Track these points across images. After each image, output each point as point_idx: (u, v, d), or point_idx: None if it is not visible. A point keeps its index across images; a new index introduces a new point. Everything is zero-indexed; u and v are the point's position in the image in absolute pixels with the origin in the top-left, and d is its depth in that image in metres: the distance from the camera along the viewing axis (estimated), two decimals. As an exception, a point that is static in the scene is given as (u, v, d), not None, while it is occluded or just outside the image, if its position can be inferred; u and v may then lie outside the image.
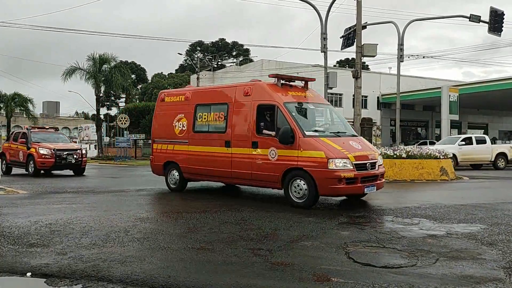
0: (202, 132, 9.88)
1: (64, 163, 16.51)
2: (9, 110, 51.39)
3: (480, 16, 19.34)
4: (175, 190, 10.57)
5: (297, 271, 4.25)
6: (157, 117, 11.33)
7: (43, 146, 16.31)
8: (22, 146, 16.85)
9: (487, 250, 5.12)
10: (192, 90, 10.81)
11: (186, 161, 10.10)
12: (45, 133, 18.24)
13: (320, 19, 17.56)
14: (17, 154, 17.16)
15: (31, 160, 16.22)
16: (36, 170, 16.09)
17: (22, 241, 5.41)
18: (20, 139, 17.29)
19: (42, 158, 16.03)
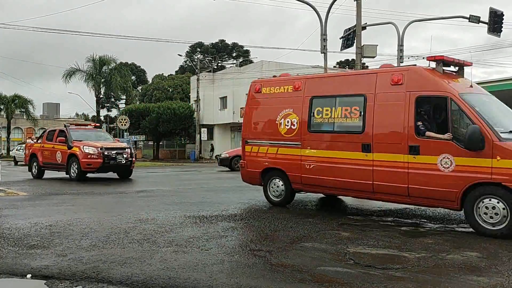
0: (323, 132, 7.83)
1: (113, 164, 14.54)
2: (9, 111, 51.48)
3: (480, 17, 19.36)
4: (278, 204, 8.38)
5: (297, 272, 4.25)
6: (251, 113, 9.06)
7: (89, 145, 14.23)
8: (60, 146, 14.72)
9: (488, 251, 5.12)
10: (304, 78, 8.42)
11: (297, 168, 7.95)
12: (85, 131, 16.11)
13: (320, 20, 17.58)
14: (53, 155, 15.06)
15: (73, 162, 14.20)
16: (81, 172, 14.04)
17: (22, 242, 5.41)
18: (57, 138, 15.15)
19: (88, 158, 13.95)
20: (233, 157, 22.36)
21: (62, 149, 14.66)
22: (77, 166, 14.05)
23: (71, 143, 14.34)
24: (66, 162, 14.41)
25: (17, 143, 58.37)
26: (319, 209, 8.27)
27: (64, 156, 14.54)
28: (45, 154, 15.51)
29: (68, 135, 14.66)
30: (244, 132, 9.11)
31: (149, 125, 41.43)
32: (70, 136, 14.57)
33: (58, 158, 14.79)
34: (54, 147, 15.08)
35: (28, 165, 16.56)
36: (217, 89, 43.83)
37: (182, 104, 44.78)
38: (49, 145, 15.43)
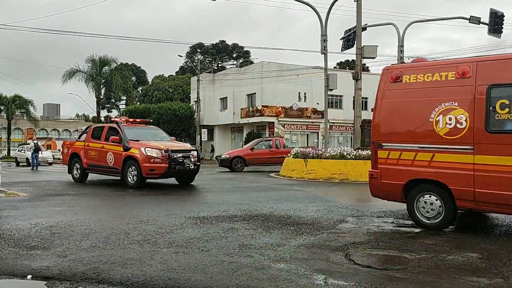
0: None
1: (179, 169, 12.20)
2: (9, 112, 51.50)
3: (480, 18, 19.40)
4: (434, 228, 6.35)
5: (297, 273, 4.24)
6: (386, 109, 7.05)
7: (151, 146, 12.01)
8: (112, 146, 12.62)
9: (488, 251, 5.12)
10: (475, 61, 6.27)
11: (467, 180, 6.05)
12: (137, 128, 13.82)
13: (320, 21, 17.59)
14: (102, 157, 13.00)
15: (131, 166, 12.01)
16: (141, 179, 11.86)
17: (23, 243, 5.41)
18: (108, 136, 13.01)
19: (150, 162, 11.71)
20: (233, 158, 22.39)
21: (115, 150, 12.46)
22: (137, 171, 11.77)
23: (128, 144, 12.14)
24: (121, 166, 12.16)
25: (18, 144, 58.43)
26: (319, 209, 8.27)
27: (118, 158, 12.33)
28: (90, 155, 13.52)
29: (122, 134, 12.48)
30: (376, 133, 7.09)
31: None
32: (125, 135, 12.38)
33: (110, 160, 12.61)
34: (104, 147, 12.93)
35: (68, 167, 14.54)
36: (217, 90, 43.87)
37: (183, 105, 44.83)
38: (96, 145, 13.30)
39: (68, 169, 14.60)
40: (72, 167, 14.39)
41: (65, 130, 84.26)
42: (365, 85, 19.52)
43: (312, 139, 39.06)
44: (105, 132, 13.36)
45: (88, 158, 13.66)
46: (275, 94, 36.91)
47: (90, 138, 13.84)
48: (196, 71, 43.92)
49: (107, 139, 12.94)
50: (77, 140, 14.64)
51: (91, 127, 14.41)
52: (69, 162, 14.52)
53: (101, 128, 14.00)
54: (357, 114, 18.30)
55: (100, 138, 13.35)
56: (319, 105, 36.80)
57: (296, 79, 36.21)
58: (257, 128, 38.69)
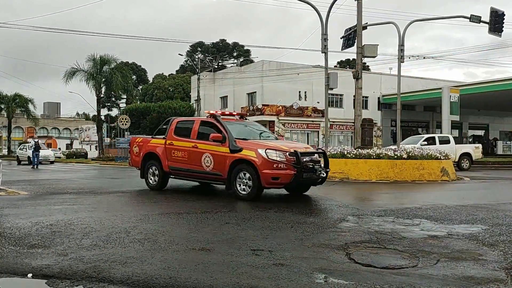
0: None
1: (307, 178, 9.24)
2: (10, 111, 51.55)
3: (481, 17, 19.38)
4: None
5: (298, 272, 4.25)
6: None
7: (273, 147, 9.06)
8: (211, 146, 9.81)
9: (488, 251, 5.12)
10: None
11: None
12: (238, 123, 10.86)
13: (321, 19, 17.57)
14: (195, 159, 10.12)
15: (242, 172, 9.11)
16: (259, 189, 9.04)
17: (23, 242, 5.41)
18: (207, 134, 10.04)
19: (273, 168, 8.79)
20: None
21: (216, 152, 9.68)
22: (253, 179, 8.87)
23: (236, 143, 9.37)
24: (227, 171, 9.36)
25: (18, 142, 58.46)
26: (319, 208, 8.27)
27: (221, 162, 9.54)
28: (175, 156, 10.65)
29: (225, 131, 9.66)
30: None
31: (149, 124, 41.51)
32: (230, 133, 9.56)
33: (206, 163, 9.83)
34: (198, 146, 10.10)
35: (140, 171, 11.63)
36: (217, 88, 43.90)
37: (183, 103, 44.87)
38: (185, 143, 10.44)
39: (141, 173, 11.63)
40: (146, 171, 11.35)
41: (65, 129, 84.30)
42: (365, 84, 19.51)
43: (313, 138, 39.09)
44: (196, 127, 10.44)
45: (172, 160, 10.69)
46: (276, 93, 36.92)
47: (173, 135, 10.90)
48: (196, 70, 43.92)
49: (201, 136, 10.16)
50: (153, 137, 11.67)
51: (173, 121, 11.24)
52: (142, 165, 11.50)
53: (189, 122, 11.04)
54: (357, 113, 18.30)
55: (190, 135, 10.44)
56: (319, 104, 36.82)
57: (296, 78, 36.22)
58: (258, 127, 38.63)
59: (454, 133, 35.28)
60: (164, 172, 10.92)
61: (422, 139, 22.54)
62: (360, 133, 18.46)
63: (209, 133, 9.97)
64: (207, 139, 9.89)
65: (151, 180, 11.28)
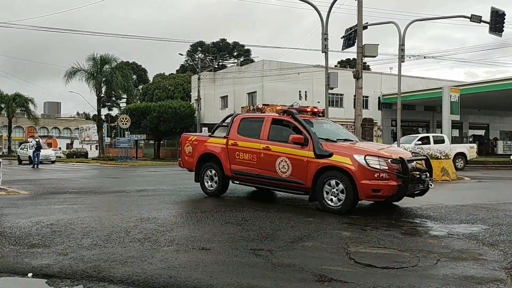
0: None
1: (411, 189, 7.72)
2: (10, 110, 51.59)
3: (481, 17, 19.38)
4: None
5: (298, 272, 4.25)
6: None
7: (372, 152, 7.66)
8: (289, 149, 8.25)
9: (488, 251, 5.12)
10: None
11: None
12: (315, 121, 9.22)
13: (321, 19, 17.57)
14: (267, 162, 8.59)
15: (332, 180, 7.64)
16: (354, 202, 7.54)
17: (24, 241, 5.42)
18: (284, 135, 8.56)
19: (374, 178, 7.33)
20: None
21: (295, 156, 8.13)
22: (348, 190, 7.41)
23: (323, 147, 7.85)
24: (311, 180, 7.86)
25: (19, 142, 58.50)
26: (319, 208, 8.26)
27: (302, 168, 8.02)
28: (241, 159, 9.08)
29: (307, 131, 8.14)
30: None
31: (150, 124, 41.48)
32: (313, 135, 8.07)
33: (282, 169, 8.31)
34: (271, 148, 8.56)
35: (195, 174, 10.11)
36: (218, 88, 43.90)
37: (183, 103, 44.85)
38: (253, 144, 8.89)
39: (196, 177, 10.07)
40: (202, 174, 9.84)
41: (65, 129, 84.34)
42: (366, 83, 19.49)
43: (313, 137, 39.04)
44: (267, 126, 8.92)
45: (236, 163, 9.16)
46: (276, 93, 36.91)
47: (237, 134, 9.33)
48: (196, 70, 43.93)
49: (274, 137, 8.70)
50: (211, 136, 10.07)
51: (237, 118, 9.66)
52: (198, 167, 9.96)
53: (257, 120, 9.35)
54: (357, 112, 18.29)
55: (259, 135, 8.90)
56: (319, 103, 36.78)
57: (296, 78, 36.22)
58: (258, 127, 38.66)
59: (455, 133, 35.27)
60: (226, 176, 9.39)
61: (416, 139, 22.52)
62: (360, 133, 18.46)
63: (284, 133, 8.63)
64: (282, 140, 8.48)
65: (209, 184, 9.74)
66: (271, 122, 8.96)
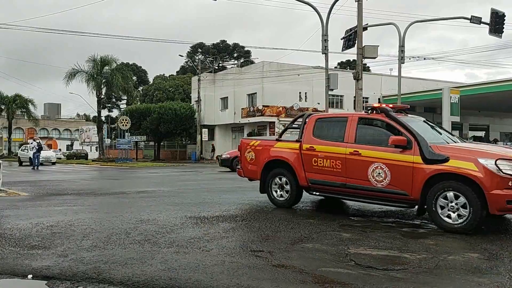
0: None
1: None
2: (10, 111, 51.59)
3: (481, 18, 19.43)
4: None
5: (298, 273, 4.25)
6: None
7: (504, 156, 6.27)
8: (385, 153, 6.95)
9: (489, 253, 5.11)
10: None
11: None
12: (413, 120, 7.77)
13: (321, 20, 17.60)
14: (355, 170, 7.30)
15: (449, 191, 6.31)
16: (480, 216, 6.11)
17: (24, 243, 5.42)
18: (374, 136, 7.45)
19: (509, 188, 6.02)
20: (234, 157, 22.35)
21: (395, 161, 6.84)
22: (473, 203, 6.09)
23: (434, 150, 6.55)
24: (420, 190, 6.53)
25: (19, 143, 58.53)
26: (320, 210, 8.26)
27: (406, 176, 6.70)
28: (319, 165, 7.82)
29: (409, 132, 6.83)
30: None
31: (150, 125, 41.50)
32: (419, 136, 6.72)
33: (377, 177, 7.00)
34: (361, 153, 7.26)
35: (260, 183, 8.85)
36: (218, 89, 43.92)
37: (183, 104, 44.89)
38: (336, 149, 7.60)
39: (261, 186, 8.82)
40: (269, 183, 8.63)
41: (66, 130, 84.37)
42: (366, 85, 19.51)
43: (313, 139, 39.05)
44: (352, 127, 7.63)
45: (313, 171, 7.93)
46: (276, 94, 36.95)
47: (313, 137, 8.08)
48: (197, 71, 43.96)
49: (362, 139, 7.46)
50: (279, 140, 8.81)
51: (311, 118, 8.41)
52: (263, 176, 8.72)
53: (339, 120, 8.23)
54: (358, 114, 18.28)
55: (343, 137, 7.65)
56: (319, 105, 36.79)
57: (297, 79, 36.24)
58: (258, 128, 38.72)
59: (455, 134, 35.26)
60: (300, 186, 8.21)
61: None
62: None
63: (377, 134, 7.50)
64: (374, 143, 7.28)
65: (278, 194, 8.51)
66: (357, 122, 7.69)
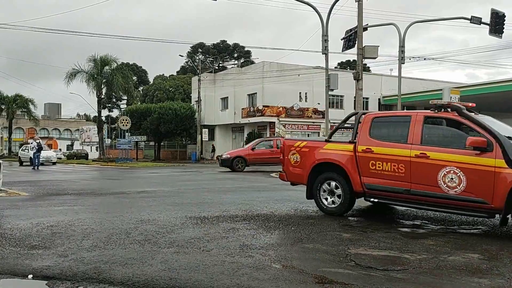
0: None
1: None
2: (10, 111, 51.60)
3: (481, 18, 19.43)
4: None
5: (298, 273, 4.25)
6: None
7: None
8: (459, 156, 6.26)
9: (489, 253, 5.11)
10: None
11: None
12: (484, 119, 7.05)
13: (321, 20, 17.60)
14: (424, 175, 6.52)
15: None
16: None
17: (24, 243, 5.42)
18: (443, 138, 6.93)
19: None
20: (234, 157, 22.40)
21: (472, 165, 6.13)
22: None
23: None
24: (504, 198, 5.78)
25: (19, 143, 58.55)
26: (319, 210, 8.25)
27: (485, 182, 5.98)
28: (378, 169, 7.04)
29: (488, 132, 6.19)
30: None
31: (150, 125, 41.50)
32: (501, 137, 6.07)
33: (450, 183, 6.27)
34: (429, 155, 6.48)
35: (307, 188, 8.04)
36: (218, 89, 43.93)
37: (183, 104, 44.89)
38: (399, 151, 6.83)
39: (308, 192, 8.02)
40: (318, 188, 7.83)
41: (66, 130, 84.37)
42: (366, 85, 19.51)
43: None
44: (417, 126, 6.86)
45: (371, 175, 7.16)
46: (276, 94, 36.95)
47: (370, 138, 7.32)
48: (197, 71, 43.95)
49: (430, 140, 6.72)
50: (329, 141, 7.99)
51: (367, 117, 7.63)
52: (310, 180, 7.93)
53: (399, 119, 7.60)
54: (358, 114, 18.28)
55: (406, 138, 6.89)
56: (320, 105, 36.82)
57: (297, 79, 36.24)
58: (258, 128, 38.72)
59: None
60: (355, 192, 7.41)
61: None
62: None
63: (448, 135, 6.88)
64: (444, 145, 6.58)
65: (329, 201, 7.70)
66: (423, 121, 6.93)
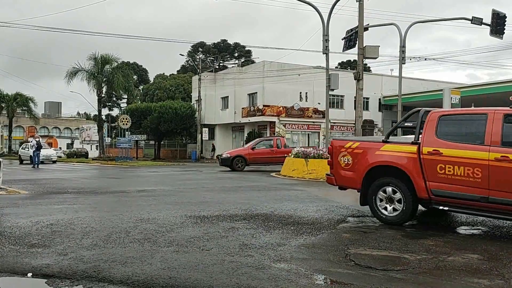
0: None
1: None
2: (10, 110, 51.62)
3: (482, 19, 19.43)
4: None
5: (298, 273, 4.25)
6: None
7: None
8: None
9: (489, 253, 5.11)
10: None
11: None
12: None
13: (322, 20, 17.59)
14: (505, 181, 5.68)
15: None
16: None
17: (23, 241, 5.42)
18: None
19: None
20: (234, 157, 22.39)
21: None
22: None
23: None
24: None
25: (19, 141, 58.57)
26: (320, 210, 8.26)
27: None
28: (448, 174, 6.19)
29: None
30: None
31: (150, 124, 41.50)
32: None
33: None
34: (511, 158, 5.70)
35: (361, 194, 7.15)
36: (218, 89, 43.91)
37: (184, 103, 44.88)
38: (473, 153, 6.01)
39: (362, 198, 7.17)
40: (374, 194, 6.93)
41: (66, 128, 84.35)
42: (366, 85, 19.51)
43: (313, 139, 39.09)
44: (496, 125, 5.99)
45: (439, 180, 6.30)
46: (277, 94, 36.94)
47: (437, 138, 6.41)
48: (197, 70, 43.94)
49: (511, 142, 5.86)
50: (386, 141, 7.01)
51: (432, 115, 6.64)
52: (365, 185, 7.08)
53: (473, 117, 6.55)
54: (358, 114, 18.30)
55: (482, 138, 6.06)
56: (320, 105, 36.81)
57: (297, 79, 36.23)
58: (258, 128, 38.72)
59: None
60: (418, 198, 6.56)
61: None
62: (361, 134, 18.46)
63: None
64: None
65: (390, 210, 6.80)
66: (502, 120, 6.02)
